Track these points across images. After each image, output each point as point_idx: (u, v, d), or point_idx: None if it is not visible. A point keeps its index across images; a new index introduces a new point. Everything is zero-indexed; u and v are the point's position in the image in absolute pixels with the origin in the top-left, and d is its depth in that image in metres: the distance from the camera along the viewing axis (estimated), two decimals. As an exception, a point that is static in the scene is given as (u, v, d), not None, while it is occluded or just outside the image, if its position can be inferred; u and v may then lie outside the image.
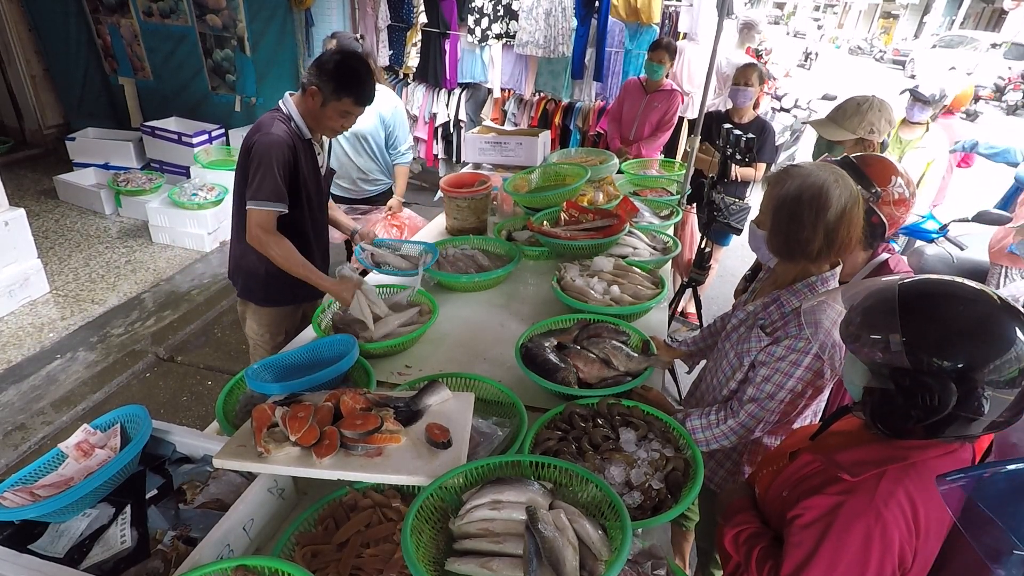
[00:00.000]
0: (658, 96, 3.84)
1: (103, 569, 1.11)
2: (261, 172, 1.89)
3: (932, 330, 0.93)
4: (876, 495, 0.97)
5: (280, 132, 1.93)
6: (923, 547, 0.99)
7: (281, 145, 1.91)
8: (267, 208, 1.91)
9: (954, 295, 0.95)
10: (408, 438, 1.27)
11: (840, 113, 2.19)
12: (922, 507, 0.97)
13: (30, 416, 2.99)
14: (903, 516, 0.96)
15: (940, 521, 0.99)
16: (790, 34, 28.12)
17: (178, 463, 1.36)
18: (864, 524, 0.97)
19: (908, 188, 1.68)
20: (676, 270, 4.10)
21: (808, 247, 1.36)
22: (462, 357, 1.92)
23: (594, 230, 2.38)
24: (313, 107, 1.95)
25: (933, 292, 0.97)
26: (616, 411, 1.49)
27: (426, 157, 6.16)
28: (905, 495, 0.97)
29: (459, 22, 5.34)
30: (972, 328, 0.91)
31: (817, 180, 1.33)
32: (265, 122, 1.97)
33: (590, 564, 1.03)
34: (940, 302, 0.95)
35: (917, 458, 0.99)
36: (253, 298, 2.23)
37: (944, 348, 0.91)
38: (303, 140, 2.02)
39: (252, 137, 1.96)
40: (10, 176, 5.34)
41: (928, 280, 0.99)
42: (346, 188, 3.24)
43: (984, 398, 0.89)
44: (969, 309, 0.92)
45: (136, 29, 5.50)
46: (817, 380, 1.41)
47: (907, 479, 0.98)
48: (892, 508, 0.96)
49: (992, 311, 0.92)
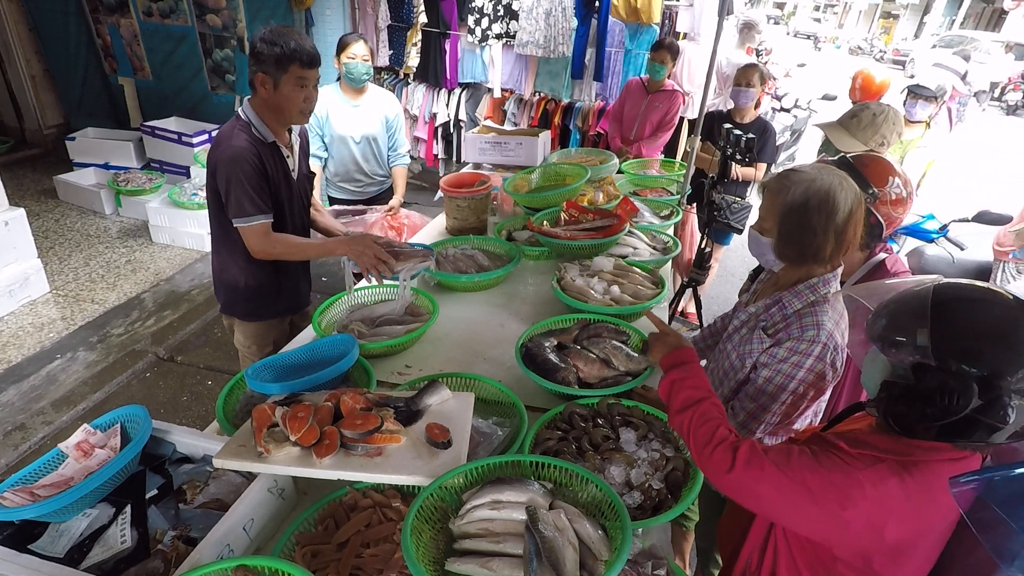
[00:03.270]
0: (659, 96, 3.84)
1: (103, 569, 1.11)
2: (234, 190, 1.84)
3: (962, 332, 0.93)
4: (865, 473, 0.97)
5: (240, 143, 1.84)
6: (900, 535, 0.97)
7: (243, 156, 1.83)
8: (255, 223, 1.88)
9: (989, 300, 0.94)
10: (408, 438, 1.27)
11: (855, 123, 2.16)
12: (911, 504, 0.96)
13: (30, 416, 2.99)
14: (884, 503, 0.95)
15: (932, 525, 0.98)
16: (790, 34, 28.11)
17: (178, 463, 1.36)
18: (840, 477, 0.98)
19: (906, 188, 1.68)
20: (676, 270, 4.09)
21: (820, 253, 1.37)
22: (462, 357, 1.92)
23: (594, 230, 2.38)
24: (268, 97, 1.86)
25: (967, 295, 0.96)
26: (616, 411, 1.49)
27: (426, 157, 6.16)
28: (898, 486, 0.96)
29: (459, 22, 5.35)
30: (1003, 334, 0.91)
31: (823, 185, 1.32)
32: (224, 134, 1.88)
33: (590, 564, 1.03)
34: (973, 305, 0.95)
35: (921, 458, 0.99)
36: (236, 312, 2.18)
37: (972, 351, 0.91)
38: (267, 145, 1.92)
39: (214, 153, 1.89)
40: (10, 176, 5.33)
41: (963, 283, 0.99)
42: (352, 191, 3.26)
43: (1011, 407, 0.88)
44: (1003, 315, 0.92)
45: (136, 29, 5.50)
46: (819, 382, 1.41)
47: (905, 473, 0.97)
48: (879, 490, 0.96)
49: (1017, 317, 0.91)
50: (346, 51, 2.85)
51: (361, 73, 2.89)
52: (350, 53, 2.85)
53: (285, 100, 1.86)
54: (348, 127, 3.03)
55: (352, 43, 2.86)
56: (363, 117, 3.05)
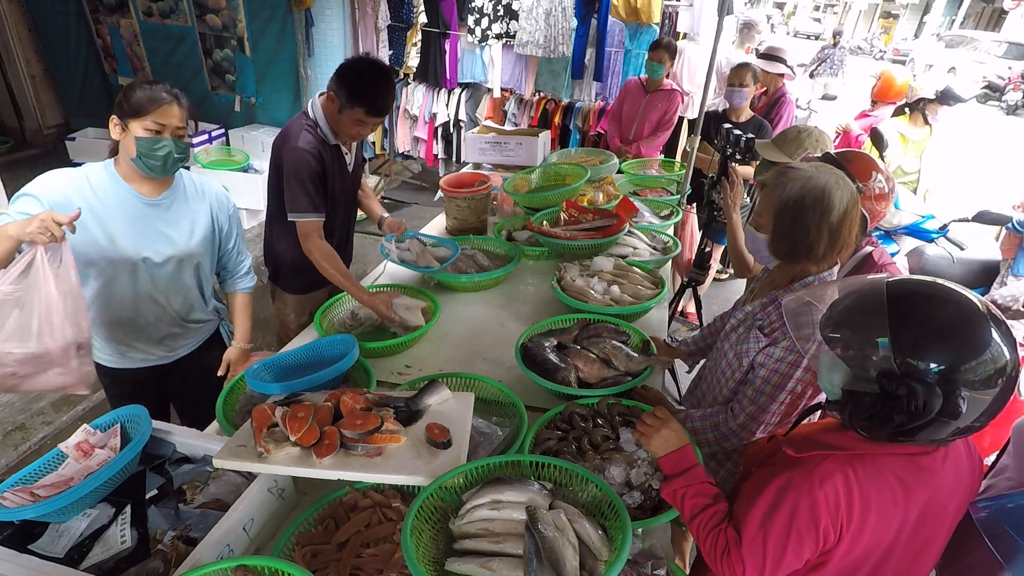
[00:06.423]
0: (658, 96, 3.84)
1: (103, 569, 1.11)
2: (294, 187, 1.94)
3: (921, 333, 0.92)
4: (814, 474, 1.01)
5: (305, 144, 1.93)
6: (853, 531, 1.01)
7: (307, 159, 1.93)
8: (308, 219, 1.98)
9: (941, 296, 0.95)
10: (408, 438, 1.27)
11: (781, 138, 2.29)
12: (859, 496, 0.99)
13: (30, 416, 2.99)
14: (835, 498, 0.99)
15: (881, 512, 1.01)
16: (790, 34, 28.10)
17: (178, 463, 1.36)
18: (794, 497, 1.00)
19: (888, 183, 1.73)
20: (676, 270, 4.10)
21: (813, 250, 1.37)
22: (462, 357, 1.92)
23: (594, 230, 2.38)
24: (332, 112, 1.95)
25: (920, 292, 0.96)
26: (616, 411, 1.49)
27: (426, 157, 6.16)
28: (843, 480, 0.99)
29: (459, 22, 5.35)
30: (957, 329, 0.91)
31: (819, 183, 1.33)
32: (293, 131, 1.97)
33: (590, 564, 1.03)
34: (929, 303, 0.94)
35: (867, 451, 1.01)
36: (281, 283, 2.31)
37: (932, 351, 0.91)
38: (330, 146, 2.01)
39: (281, 149, 1.99)
40: (10, 176, 5.28)
41: (914, 280, 0.99)
42: (138, 359, 1.85)
43: (961, 398, 0.89)
44: (956, 311, 0.92)
45: (136, 29, 5.50)
46: (816, 380, 1.41)
47: (850, 468, 1.00)
48: (826, 488, 0.99)
49: (970, 312, 0.92)
50: (143, 117, 1.53)
51: (168, 156, 1.57)
52: (152, 121, 1.54)
53: (343, 125, 1.96)
54: (137, 241, 1.66)
55: (158, 103, 1.53)
56: (169, 223, 1.71)
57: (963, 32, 20.54)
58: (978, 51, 17.03)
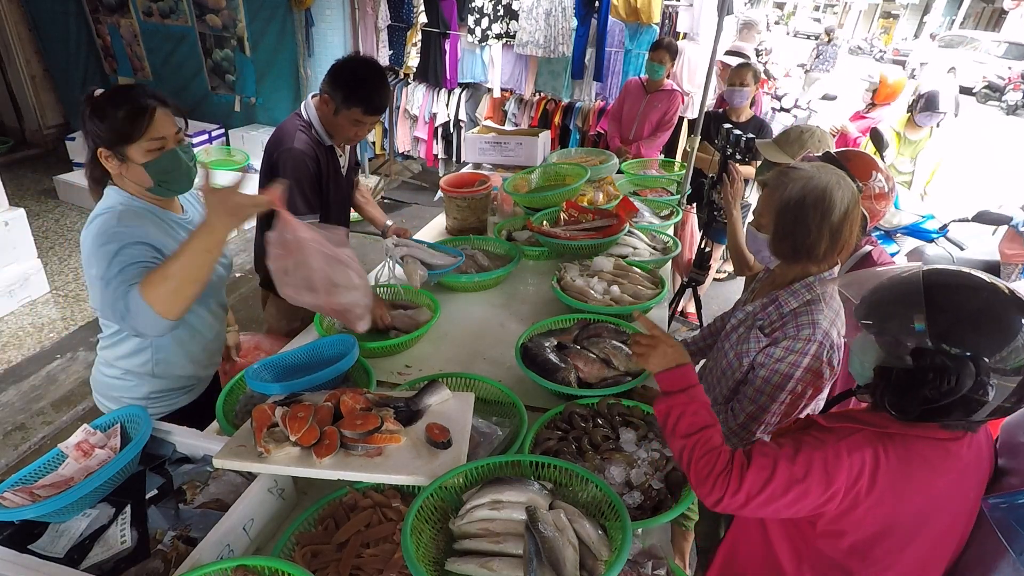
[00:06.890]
0: (658, 96, 3.84)
1: (103, 569, 1.11)
2: (291, 189, 1.91)
3: (955, 315, 0.97)
4: (844, 441, 1.02)
5: (300, 145, 1.92)
6: (871, 503, 1.02)
7: (302, 160, 1.92)
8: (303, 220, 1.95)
9: (973, 285, 0.99)
10: (408, 438, 1.27)
11: (783, 138, 2.30)
12: (885, 470, 1.00)
13: (30, 416, 2.99)
14: (860, 468, 1.00)
15: (906, 490, 1.02)
16: (790, 34, 28.10)
17: (178, 463, 1.36)
18: (821, 454, 1.02)
19: (888, 183, 1.74)
20: (676, 270, 4.10)
21: (814, 250, 1.37)
22: (462, 357, 1.92)
23: (594, 230, 2.38)
24: (327, 114, 1.93)
25: (955, 281, 1.01)
26: (616, 411, 1.49)
27: (426, 157, 6.16)
28: (872, 455, 1.00)
29: (459, 22, 5.34)
30: (990, 316, 0.96)
31: (820, 183, 1.33)
32: (287, 132, 1.94)
33: (590, 564, 1.03)
34: (961, 290, 0.99)
35: (897, 431, 1.03)
36: (271, 288, 2.26)
37: (965, 333, 0.95)
38: (324, 147, 2.00)
39: (275, 150, 1.97)
40: (10, 176, 5.33)
41: (949, 269, 1.04)
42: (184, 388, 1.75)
43: (990, 385, 0.93)
44: (988, 297, 0.97)
45: (136, 29, 5.50)
46: (817, 380, 1.41)
47: (880, 444, 1.01)
48: (854, 458, 1.00)
49: (1003, 299, 0.96)
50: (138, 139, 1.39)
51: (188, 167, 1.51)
52: (149, 140, 1.40)
53: (339, 127, 1.94)
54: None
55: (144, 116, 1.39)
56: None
57: (963, 32, 20.56)
58: (978, 51, 17.02)
